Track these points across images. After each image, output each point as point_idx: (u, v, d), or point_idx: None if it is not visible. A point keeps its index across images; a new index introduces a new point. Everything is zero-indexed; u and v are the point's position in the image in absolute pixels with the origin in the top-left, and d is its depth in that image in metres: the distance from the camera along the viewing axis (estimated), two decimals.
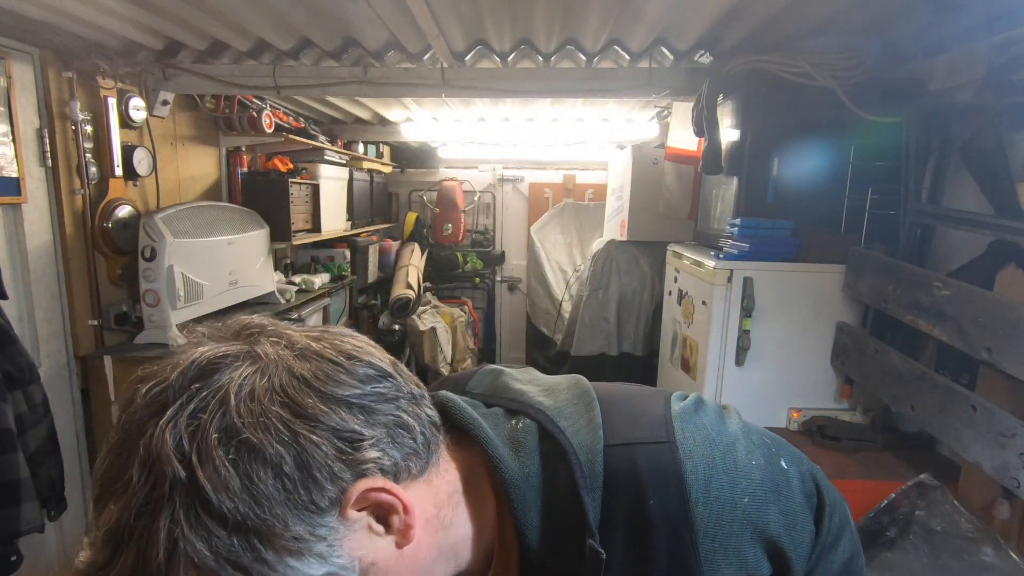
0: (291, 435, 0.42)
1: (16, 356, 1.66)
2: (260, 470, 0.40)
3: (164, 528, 0.39)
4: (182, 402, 0.41)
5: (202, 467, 0.39)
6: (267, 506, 0.40)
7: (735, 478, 0.56)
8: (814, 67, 1.84)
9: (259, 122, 2.83)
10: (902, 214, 1.89)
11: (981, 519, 1.47)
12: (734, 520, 0.55)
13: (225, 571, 0.40)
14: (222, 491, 0.39)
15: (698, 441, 0.57)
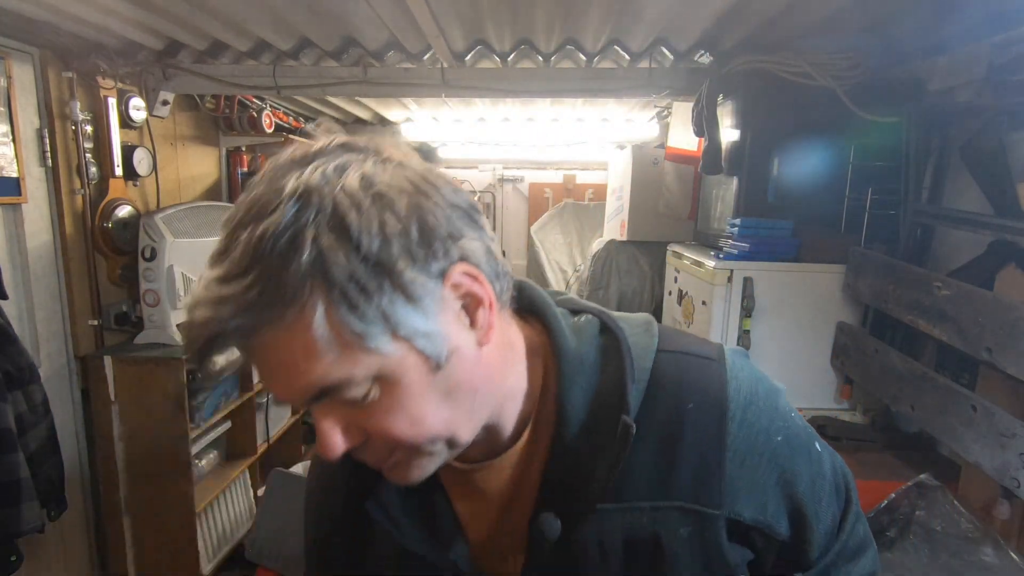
0: (416, 204, 0.46)
1: (16, 356, 1.66)
2: (391, 220, 0.44)
3: (308, 244, 0.42)
4: (329, 158, 0.46)
5: (345, 202, 0.43)
6: (394, 250, 0.44)
7: (773, 416, 0.58)
8: (814, 67, 1.84)
9: (259, 122, 2.83)
10: (902, 214, 1.89)
11: (981, 519, 1.47)
12: (764, 454, 0.56)
13: (350, 294, 0.43)
14: (359, 224, 0.43)
15: (746, 373, 0.59)
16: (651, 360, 0.57)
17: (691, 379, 0.57)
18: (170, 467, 2.16)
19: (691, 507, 0.55)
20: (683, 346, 0.60)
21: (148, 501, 2.19)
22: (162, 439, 2.14)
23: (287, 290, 0.42)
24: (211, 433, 2.43)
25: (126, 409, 2.12)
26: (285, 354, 0.45)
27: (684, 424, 0.55)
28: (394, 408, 0.47)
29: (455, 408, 0.50)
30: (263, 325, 0.44)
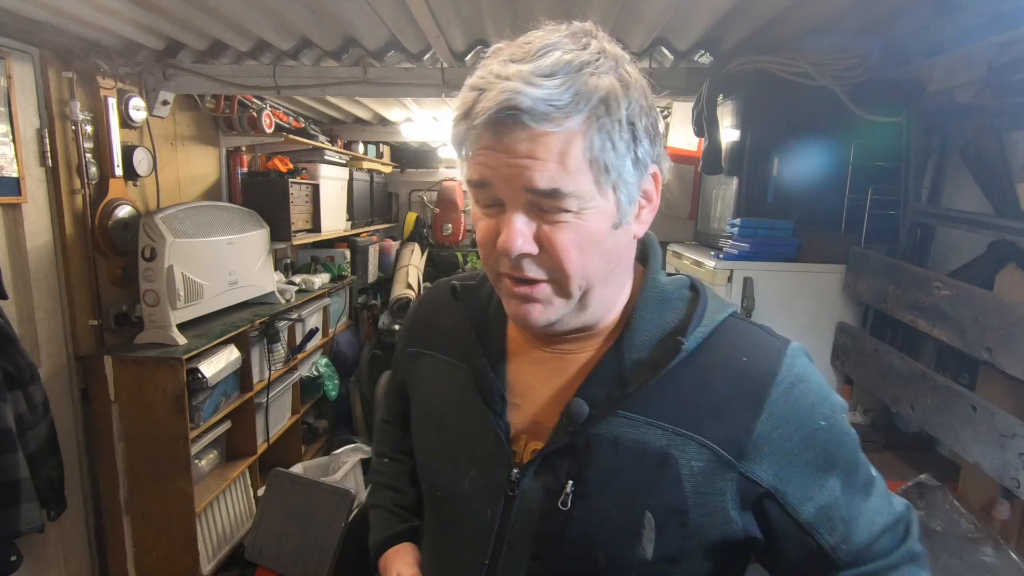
0: (650, 107, 0.59)
1: (16, 356, 1.66)
2: (646, 106, 0.58)
3: (603, 83, 0.54)
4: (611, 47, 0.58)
5: (629, 71, 0.57)
6: (646, 123, 0.58)
7: (823, 404, 0.61)
8: (814, 67, 1.84)
9: (259, 122, 2.83)
10: (902, 214, 1.89)
11: (981, 519, 1.47)
12: (802, 427, 0.59)
13: (615, 133, 0.55)
14: (635, 92, 0.57)
15: (808, 366, 0.63)
16: (722, 316, 0.64)
17: (754, 342, 0.63)
18: (170, 467, 2.16)
19: (709, 445, 0.59)
20: (757, 324, 0.67)
21: (148, 501, 2.19)
22: (162, 439, 2.14)
23: (580, 105, 0.53)
24: (211, 433, 2.43)
25: (126, 409, 2.12)
26: (545, 152, 0.54)
27: (731, 373, 0.61)
28: (582, 233, 0.57)
29: (605, 266, 0.60)
30: (550, 120, 0.52)
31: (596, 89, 0.53)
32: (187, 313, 2.31)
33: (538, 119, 0.52)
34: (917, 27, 1.75)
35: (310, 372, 3.31)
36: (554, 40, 0.55)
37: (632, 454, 0.60)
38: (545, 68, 0.53)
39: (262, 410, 2.76)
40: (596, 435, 0.61)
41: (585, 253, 0.58)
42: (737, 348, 0.62)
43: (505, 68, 0.53)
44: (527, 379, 0.68)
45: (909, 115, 1.83)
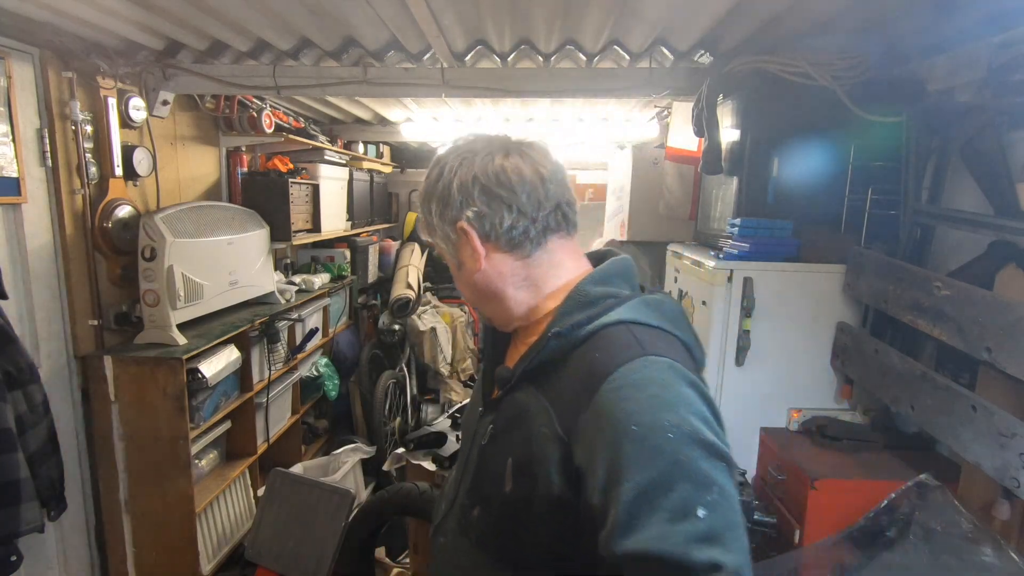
0: (446, 183, 0.83)
1: (16, 356, 1.66)
2: (438, 189, 0.84)
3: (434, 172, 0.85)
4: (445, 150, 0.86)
5: (432, 176, 0.85)
6: (432, 205, 0.85)
7: (644, 412, 0.66)
8: (814, 67, 1.84)
9: (259, 122, 2.83)
10: (902, 214, 1.89)
11: (981, 519, 1.47)
12: (615, 428, 0.66)
13: (431, 212, 0.85)
14: (428, 185, 0.86)
15: (657, 374, 0.70)
16: (609, 321, 0.76)
17: (616, 346, 0.73)
18: (170, 467, 2.16)
19: (554, 420, 0.74)
20: (645, 337, 0.75)
21: (148, 501, 2.19)
22: (162, 439, 2.14)
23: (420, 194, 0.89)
24: (211, 433, 2.43)
25: (126, 409, 2.12)
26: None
27: (586, 367, 0.73)
28: (453, 272, 0.90)
29: (472, 294, 0.89)
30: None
31: (420, 205, 0.89)
32: (187, 313, 2.31)
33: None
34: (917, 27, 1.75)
35: (310, 372, 3.31)
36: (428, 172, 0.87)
37: (516, 413, 0.80)
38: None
39: (262, 410, 2.76)
40: (509, 396, 0.82)
41: (457, 283, 0.91)
42: (601, 348, 0.74)
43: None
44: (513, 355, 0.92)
45: (909, 115, 1.83)
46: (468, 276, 0.86)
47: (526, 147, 0.85)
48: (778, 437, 2.03)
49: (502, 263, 0.84)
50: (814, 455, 1.89)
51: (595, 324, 0.76)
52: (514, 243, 0.83)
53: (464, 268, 0.86)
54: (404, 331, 4.10)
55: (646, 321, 0.77)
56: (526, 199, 0.81)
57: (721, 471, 0.65)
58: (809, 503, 1.73)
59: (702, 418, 0.67)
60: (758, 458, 2.10)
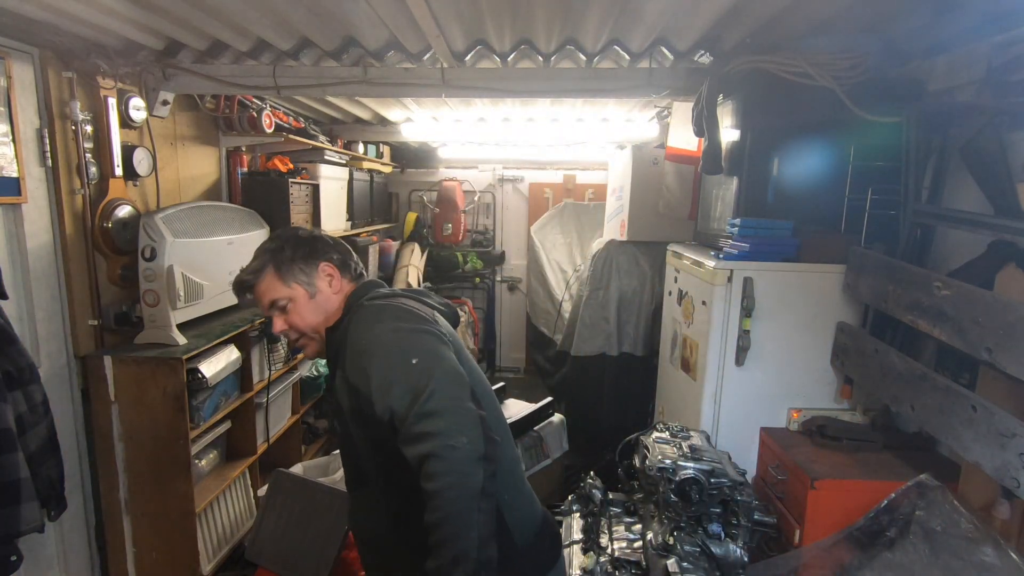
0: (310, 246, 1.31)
1: (16, 356, 1.66)
2: (296, 248, 1.30)
3: (271, 251, 1.30)
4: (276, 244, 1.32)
5: (278, 240, 1.32)
6: (289, 256, 1.28)
7: (364, 333, 1.14)
8: (814, 67, 1.84)
9: (259, 122, 2.83)
10: (902, 214, 1.89)
11: (981, 519, 1.47)
12: (355, 348, 1.14)
13: (280, 269, 1.27)
14: (283, 246, 1.30)
15: (373, 307, 1.20)
16: (365, 301, 1.23)
17: (357, 314, 1.22)
18: (170, 467, 2.16)
19: (339, 367, 1.18)
20: (379, 298, 1.24)
21: (148, 501, 2.19)
22: (162, 439, 2.14)
23: (258, 265, 1.28)
24: (211, 433, 2.43)
25: (126, 409, 2.12)
26: (261, 289, 1.28)
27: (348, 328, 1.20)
28: (298, 312, 1.27)
29: (317, 315, 1.27)
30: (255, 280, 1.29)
31: (267, 261, 1.28)
32: (187, 313, 2.31)
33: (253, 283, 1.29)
34: (917, 27, 1.75)
35: (310, 372, 3.32)
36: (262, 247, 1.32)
37: (338, 377, 1.19)
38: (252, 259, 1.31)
39: (262, 410, 2.76)
40: (336, 382, 1.21)
41: (306, 317, 1.28)
42: (351, 316, 1.22)
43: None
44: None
45: (909, 115, 1.82)
46: (323, 300, 1.30)
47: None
48: (778, 437, 2.03)
49: (329, 291, 1.31)
50: (814, 455, 1.89)
51: (348, 315, 1.25)
52: (340, 279, 1.33)
53: (320, 294, 1.30)
54: None
55: (376, 294, 1.27)
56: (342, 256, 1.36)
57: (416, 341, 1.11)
58: (809, 503, 1.73)
59: (392, 317, 1.17)
60: (758, 458, 2.10)
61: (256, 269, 1.25)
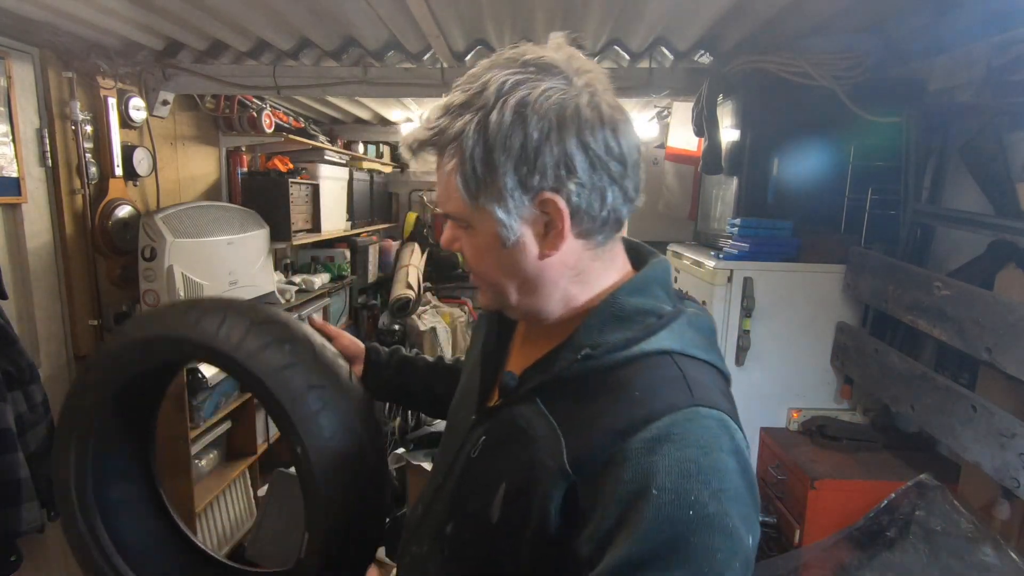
0: (544, 135, 0.62)
1: (16, 356, 1.66)
2: (515, 136, 0.63)
3: (463, 124, 0.65)
4: (521, 72, 0.65)
5: (497, 110, 0.63)
6: (503, 157, 0.63)
7: (677, 475, 0.56)
8: (814, 67, 1.84)
9: (259, 122, 2.83)
10: (902, 214, 1.89)
11: (981, 519, 1.47)
12: (637, 482, 0.56)
13: (467, 169, 0.65)
14: (493, 128, 0.63)
15: (699, 434, 0.59)
16: (650, 348, 0.65)
17: (663, 387, 0.62)
18: (170, 467, 2.16)
19: (563, 452, 0.61)
20: (696, 375, 0.64)
21: None
22: (162, 439, 2.12)
23: (444, 143, 0.67)
24: (211, 433, 2.43)
25: None
26: (438, 176, 0.71)
27: (621, 403, 0.61)
28: (472, 244, 0.71)
29: (504, 275, 0.70)
30: (435, 153, 0.69)
31: (449, 131, 0.66)
32: None
33: (433, 151, 0.70)
34: (917, 27, 1.75)
35: None
36: (463, 79, 0.70)
37: (517, 430, 0.67)
38: (436, 111, 0.69)
39: (262, 410, 2.76)
40: (510, 408, 0.71)
41: (479, 260, 0.71)
42: (642, 385, 0.62)
43: (430, 109, 0.71)
44: (515, 355, 0.81)
45: (909, 115, 1.82)
46: (518, 260, 0.68)
47: (611, 97, 0.68)
48: (778, 437, 2.03)
49: (571, 251, 0.68)
50: (814, 455, 1.89)
51: (634, 351, 0.64)
52: (595, 230, 0.67)
53: (517, 250, 0.67)
54: (404, 331, 4.10)
55: (693, 353, 0.66)
56: (631, 178, 0.67)
57: (732, 569, 0.55)
58: (809, 503, 1.73)
59: (734, 496, 0.57)
60: (758, 458, 2.10)
61: (428, 140, 0.68)
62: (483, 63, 0.70)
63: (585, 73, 0.67)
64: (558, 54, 0.68)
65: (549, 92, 0.63)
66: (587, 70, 0.68)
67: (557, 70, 0.65)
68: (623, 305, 0.68)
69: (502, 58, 0.69)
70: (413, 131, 0.71)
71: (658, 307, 0.68)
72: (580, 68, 0.67)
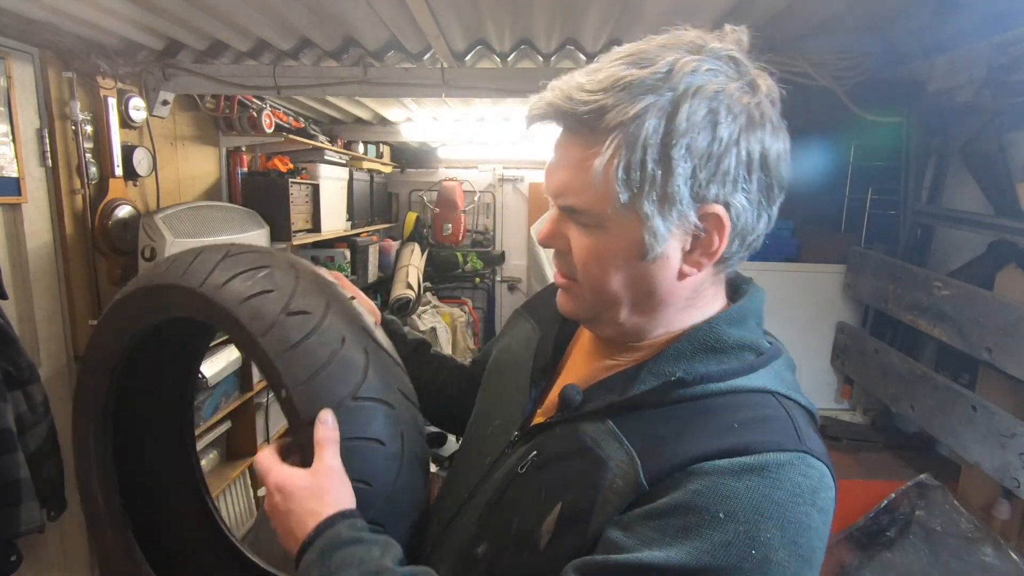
0: (731, 141, 0.54)
1: (16, 356, 1.66)
2: (702, 137, 0.53)
3: (640, 109, 0.53)
4: (714, 62, 0.56)
5: (687, 101, 0.53)
6: (682, 158, 0.53)
7: (753, 509, 0.51)
8: (814, 67, 1.84)
9: (259, 122, 2.83)
10: (902, 214, 1.89)
11: (981, 519, 1.47)
12: (714, 498, 0.52)
13: (632, 162, 0.54)
14: (681, 124, 0.53)
15: (797, 482, 0.53)
16: (752, 385, 0.60)
17: (767, 420, 0.57)
18: None
19: (638, 468, 0.56)
20: (801, 421, 0.58)
21: None
22: None
23: (603, 124, 0.55)
24: (211, 433, 2.43)
25: None
26: (570, 160, 0.58)
27: (713, 430, 0.56)
28: (592, 247, 0.60)
29: (624, 289, 0.61)
30: (575, 132, 0.57)
31: (626, 114, 0.54)
32: None
33: (570, 129, 0.58)
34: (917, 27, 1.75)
35: None
36: (638, 53, 0.58)
37: (583, 449, 0.61)
38: (593, 83, 0.56)
39: (262, 410, 2.76)
40: (571, 424, 0.64)
41: (598, 268, 0.60)
42: (745, 418, 0.56)
43: (571, 76, 0.59)
44: (575, 367, 0.73)
45: (909, 115, 1.83)
46: (652, 275, 0.59)
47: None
48: None
49: (703, 274, 0.61)
50: None
51: (734, 385, 0.59)
52: (737, 254, 0.61)
53: (655, 264, 0.58)
54: None
55: (796, 397, 0.61)
56: (777, 206, 0.60)
57: None
58: None
59: (806, 556, 0.51)
60: None
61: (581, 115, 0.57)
62: (654, 40, 0.60)
63: (762, 78, 0.59)
64: (736, 50, 0.59)
65: (741, 91, 0.56)
66: (763, 74, 0.60)
67: (744, 68, 0.58)
68: (721, 336, 0.61)
69: (679, 40, 0.59)
70: (551, 96, 0.59)
71: (756, 342, 0.63)
72: (758, 71, 0.59)
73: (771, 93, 0.58)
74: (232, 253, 0.83)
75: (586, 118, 0.56)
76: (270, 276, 0.80)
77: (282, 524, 0.66)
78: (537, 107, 0.60)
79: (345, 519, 0.63)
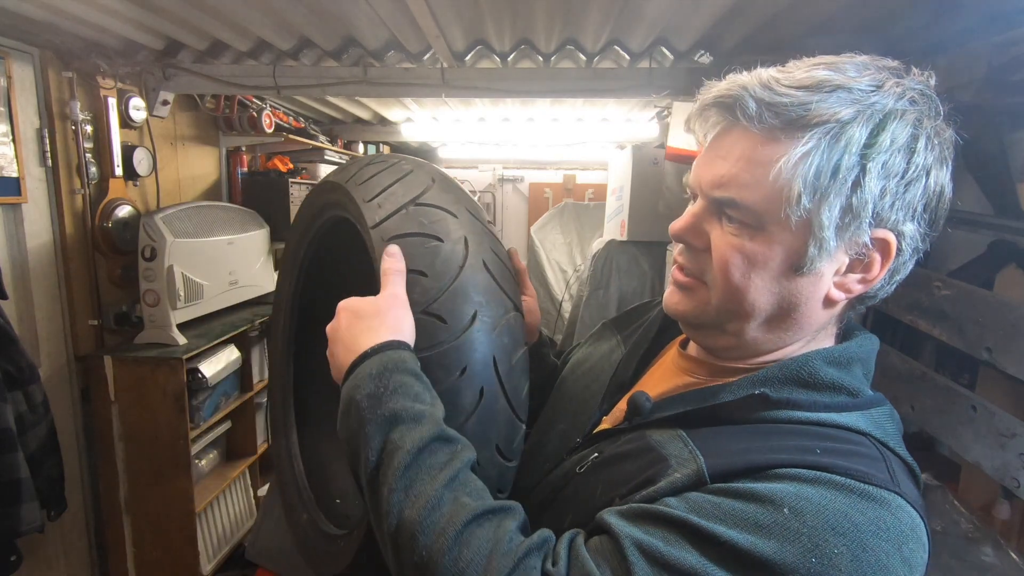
0: (926, 170, 0.54)
1: (16, 356, 1.66)
2: (901, 159, 0.52)
3: (845, 115, 0.51)
4: (911, 91, 0.54)
5: (898, 121, 0.52)
6: (878, 173, 0.52)
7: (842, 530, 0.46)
8: None
9: (259, 122, 2.83)
10: None
11: (981, 519, 1.47)
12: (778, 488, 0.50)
13: (824, 166, 0.51)
14: (885, 135, 0.51)
15: (888, 516, 0.48)
16: (850, 425, 0.55)
17: (859, 455, 0.52)
18: (170, 467, 2.16)
19: (702, 467, 0.53)
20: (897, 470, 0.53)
21: (148, 501, 2.19)
22: (162, 439, 2.14)
23: (803, 121, 0.51)
24: (211, 433, 2.43)
25: (126, 409, 2.12)
26: (742, 152, 0.54)
27: (785, 440, 0.53)
28: (747, 251, 0.55)
29: (767, 300, 0.56)
30: (758, 124, 0.52)
31: (832, 115, 0.51)
32: (187, 313, 2.31)
33: (749, 118, 0.53)
34: (917, 27, 1.75)
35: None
36: (839, 63, 0.54)
37: (644, 446, 0.58)
38: (792, 79, 0.53)
39: (262, 410, 2.76)
40: (638, 431, 0.62)
41: (747, 274, 0.55)
42: (830, 448, 0.52)
43: (758, 72, 0.55)
44: (651, 381, 0.70)
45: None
46: (799, 291, 0.56)
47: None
48: None
49: (841, 304, 0.61)
50: None
51: (821, 418, 0.55)
52: (884, 288, 0.61)
53: (806, 279, 0.55)
54: None
55: (897, 449, 0.56)
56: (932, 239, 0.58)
57: None
58: None
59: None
60: None
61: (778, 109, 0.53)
62: (848, 56, 0.56)
63: (946, 123, 0.58)
64: (926, 88, 0.58)
65: (940, 127, 0.56)
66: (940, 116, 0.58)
67: (938, 107, 0.57)
68: (816, 372, 0.57)
69: (877, 61, 0.56)
70: (744, 80, 0.54)
71: (855, 386, 0.58)
72: (940, 112, 0.58)
73: (952, 137, 0.59)
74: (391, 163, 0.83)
75: (782, 111, 0.52)
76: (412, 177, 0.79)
77: (341, 341, 0.64)
78: (728, 90, 0.54)
79: (409, 350, 0.62)
